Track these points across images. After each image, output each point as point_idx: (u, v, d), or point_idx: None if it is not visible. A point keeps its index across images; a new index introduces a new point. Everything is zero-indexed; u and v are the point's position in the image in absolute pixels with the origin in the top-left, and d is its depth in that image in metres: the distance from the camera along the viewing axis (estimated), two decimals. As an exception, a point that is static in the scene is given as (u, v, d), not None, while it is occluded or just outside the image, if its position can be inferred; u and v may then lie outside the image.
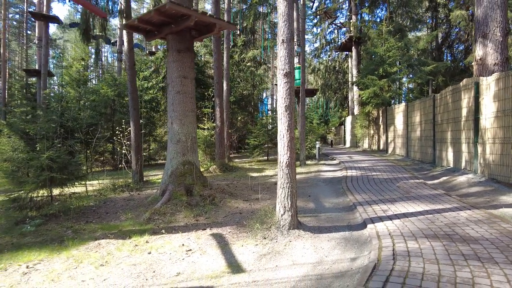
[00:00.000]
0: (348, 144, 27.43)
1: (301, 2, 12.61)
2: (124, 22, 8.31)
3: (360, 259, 3.68)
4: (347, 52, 32.13)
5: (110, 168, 15.01)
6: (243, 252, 4.13)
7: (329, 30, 34.34)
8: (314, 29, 38.97)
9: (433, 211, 5.29)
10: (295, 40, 17.01)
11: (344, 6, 31.10)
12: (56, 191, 6.97)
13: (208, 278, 3.48)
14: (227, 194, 7.05)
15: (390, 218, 4.99)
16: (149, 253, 4.30)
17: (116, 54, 46.13)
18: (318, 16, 31.31)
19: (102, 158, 15.68)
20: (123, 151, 10.40)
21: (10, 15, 42.32)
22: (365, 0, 25.80)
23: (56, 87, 25.01)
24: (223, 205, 6.42)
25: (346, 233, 4.62)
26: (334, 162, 14.23)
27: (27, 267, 4.05)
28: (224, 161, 11.81)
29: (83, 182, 7.37)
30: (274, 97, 40.85)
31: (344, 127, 30.32)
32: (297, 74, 16.18)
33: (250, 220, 5.26)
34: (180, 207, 6.04)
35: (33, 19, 36.62)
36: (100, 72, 41.47)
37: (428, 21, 27.98)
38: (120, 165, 13.62)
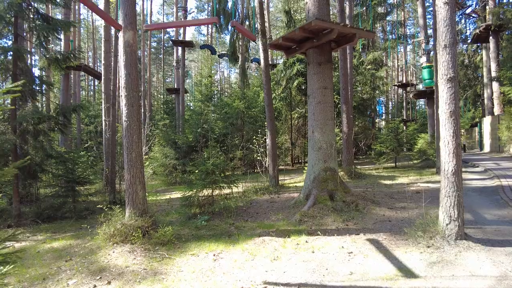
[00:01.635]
0: (487, 149, 23.70)
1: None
2: (266, 42, 9.26)
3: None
4: (478, 44, 27.90)
5: (239, 173, 16.53)
6: (409, 259, 4.16)
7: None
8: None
9: None
10: (422, 37, 15.81)
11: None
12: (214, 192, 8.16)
13: (383, 280, 3.65)
14: (369, 201, 7.06)
15: None
16: (313, 252, 4.71)
17: (233, 69, 50.49)
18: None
19: (232, 163, 17.46)
20: (258, 157, 11.45)
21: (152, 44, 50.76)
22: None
23: (191, 103, 28.82)
24: (367, 212, 6.48)
25: (529, 249, 4.17)
26: (478, 169, 12.59)
27: (214, 255, 4.92)
28: (351, 167, 11.75)
29: (234, 185, 8.40)
30: (392, 100, 38.28)
31: (480, 129, 26.31)
32: (426, 73, 14.99)
33: (407, 228, 5.20)
34: (326, 211, 6.36)
35: (169, 45, 43.23)
36: (219, 86, 45.92)
37: None
38: (251, 170, 14.96)
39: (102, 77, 12.90)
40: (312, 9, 7.22)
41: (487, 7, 22.22)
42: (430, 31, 21.34)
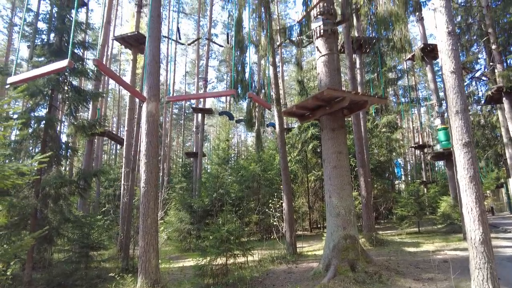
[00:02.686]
0: (518, 212, 22.41)
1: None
2: (280, 109, 9.68)
3: None
4: (493, 104, 28.07)
5: (255, 238, 15.96)
6: None
7: (465, 83, 31.16)
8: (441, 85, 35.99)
9: None
10: (435, 100, 16.12)
11: (480, 56, 28.20)
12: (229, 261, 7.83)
13: None
14: (393, 272, 6.60)
15: None
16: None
17: (249, 133, 51.85)
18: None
19: (247, 229, 16.99)
20: (274, 222, 11.16)
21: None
22: (509, 46, 22.91)
23: (208, 166, 29.28)
24: (392, 284, 6.01)
25: None
26: (510, 235, 11.78)
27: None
28: (372, 234, 11.22)
29: (249, 253, 8.07)
30: (410, 161, 37.81)
31: (507, 190, 25.21)
32: (442, 135, 14.96)
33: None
34: (347, 283, 5.95)
35: (190, 112, 45.42)
36: (236, 149, 46.82)
37: None
38: (267, 236, 14.46)
39: (124, 143, 13.49)
40: (324, 79, 7.61)
41: (495, 71, 22.79)
42: (441, 94, 21.79)
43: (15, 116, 8.53)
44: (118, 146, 39.06)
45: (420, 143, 26.03)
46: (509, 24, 19.23)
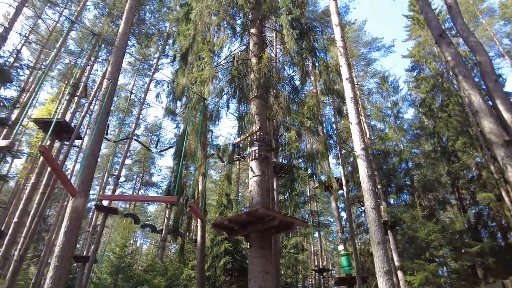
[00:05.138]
0: None
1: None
2: (213, 222, 9.62)
3: None
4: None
5: None
6: None
7: (357, 213, 35.81)
8: (343, 213, 40.68)
9: None
10: (337, 229, 17.93)
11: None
12: None
13: None
14: None
15: None
16: None
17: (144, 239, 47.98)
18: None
19: None
20: None
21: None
22: (390, 186, 28.10)
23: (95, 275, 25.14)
24: None
25: None
26: None
27: None
28: None
29: None
30: (311, 285, 38.46)
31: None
32: (345, 261, 16.19)
33: None
34: None
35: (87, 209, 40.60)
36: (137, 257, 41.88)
37: (456, 202, 29.16)
38: None
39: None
40: (256, 197, 8.16)
41: (381, 207, 27.04)
42: (343, 222, 24.44)
43: None
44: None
45: (321, 266, 27.33)
46: (388, 170, 23.92)
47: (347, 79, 8.21)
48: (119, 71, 8.34)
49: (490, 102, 10.74)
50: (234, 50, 11.71)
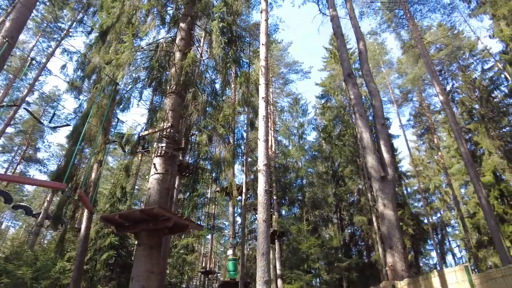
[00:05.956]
0: None
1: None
2: (101, 215, 8.88)
3: None
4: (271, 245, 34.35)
5: None
6: None
7: (252, 220, 37.48)
8: (238, 219, 42.02)
9: None
10: (230, 233, 18.45)
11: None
12: None
13: None
14: None
15: None
16: None
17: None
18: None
19: None
20: None
21: None
22: (284, 199, 30.23)
23: None
24: None
25: None
26: None
27: None
28: None
29: None
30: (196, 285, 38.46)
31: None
32: (231, 265, 16.74)
33: None
34: None
35: None
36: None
37: (337, 221, 32.88)
38: None
39: None
40: (154, 195, 7.94)
41: (273, 217, 28.79)
42: (237, 227, 25.23)
43: None
44: None
45: (208, 268, 27.64)
46: (285, 184, 25.71)
47: (263, 98, 8.70)
48: (20, 31, 7.23)
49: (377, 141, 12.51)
50: (160, 39, 11.29)
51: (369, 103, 26.26)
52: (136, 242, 7.53)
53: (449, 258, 33.52)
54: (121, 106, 9.48)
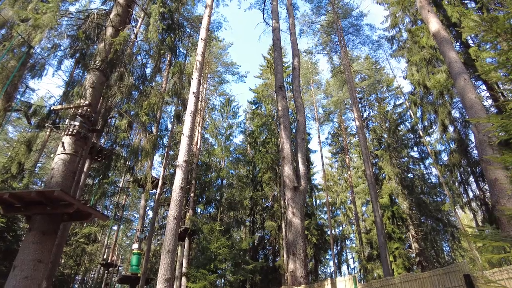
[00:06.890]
0: None
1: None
2: None
3: None
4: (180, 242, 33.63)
5: None
6: None
7: (164, 215, 36.32)
8: (150, 212, 40.34)
9: None
10: (138, 227, 17.61)
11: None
12: None
13: None
14: None
15: None
16: None
17: None
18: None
19: None
20: None
21: None
22: (201, 197, 30.01)
23: None
24: None
25: None
26: None
27: None
28: None
29: None
30: (92, 280, 35.60)
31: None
32: (135, 260, 15.96)
33: None
34: None
35: None
36: None
37: (249, 224, 33.78)
38: None
39: None
40: (57, 176, 7.18)
41: (187, 214, 28.35)
42: (146, 221, 24.16)
43: None
44: None
45: (109, 261, 25.89)
46: (205, 182, 25.57)
47: (193, 93, 8.53)
48: None
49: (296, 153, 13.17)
50: (93, 9, 10.34)
51: (295, 116, 27.79)
52: (27, 226, 6.70)
53: (344, 268, 36.95)
54: (33, 72, 8.39)
